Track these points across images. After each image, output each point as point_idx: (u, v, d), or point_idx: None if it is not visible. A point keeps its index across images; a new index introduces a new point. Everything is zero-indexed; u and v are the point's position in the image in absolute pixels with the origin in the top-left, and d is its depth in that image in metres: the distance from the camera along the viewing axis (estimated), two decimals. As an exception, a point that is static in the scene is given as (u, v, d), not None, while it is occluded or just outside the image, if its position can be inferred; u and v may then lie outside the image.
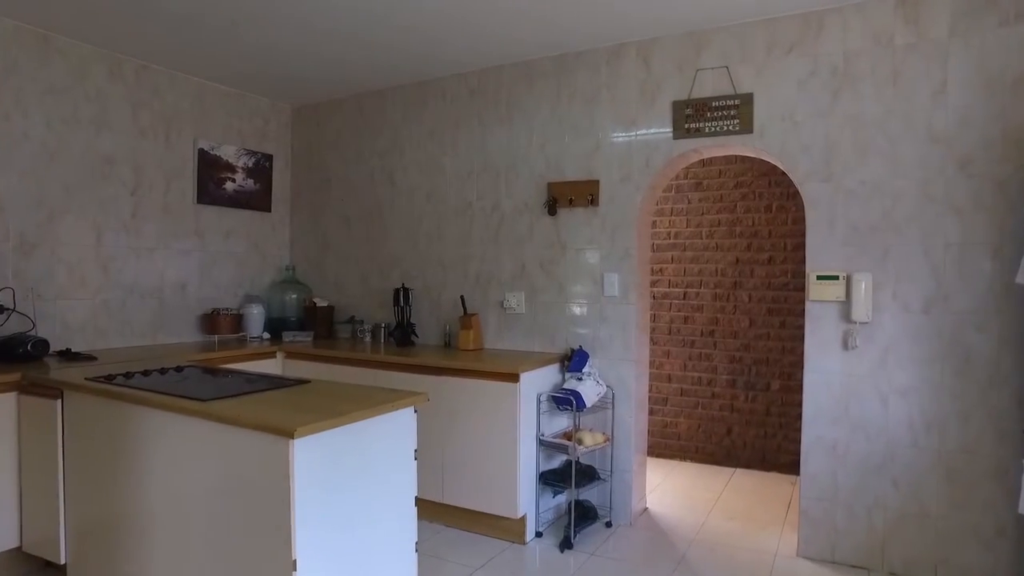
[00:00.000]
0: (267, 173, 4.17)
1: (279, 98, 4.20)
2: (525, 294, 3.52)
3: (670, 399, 4.42)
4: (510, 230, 3.57)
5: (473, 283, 3.69)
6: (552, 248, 3.44)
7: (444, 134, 3.78)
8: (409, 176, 3.91)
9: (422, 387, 3.21)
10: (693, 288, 4.34)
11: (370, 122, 4.05)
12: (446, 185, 3.78)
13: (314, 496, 1.86)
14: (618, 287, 3.26)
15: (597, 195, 3.30)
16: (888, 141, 2.72)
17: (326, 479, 1.91)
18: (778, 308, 4.10)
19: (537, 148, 3.48)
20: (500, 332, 3.60)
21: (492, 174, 3.63)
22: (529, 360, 3.17)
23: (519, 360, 3.17)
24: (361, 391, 2.35)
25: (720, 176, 4.27)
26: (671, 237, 4.41)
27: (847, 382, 2.80)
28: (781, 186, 4.09)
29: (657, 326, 4.44)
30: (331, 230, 4.23)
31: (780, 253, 4.10)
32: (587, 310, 3.34)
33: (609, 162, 3.29)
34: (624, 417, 3.27)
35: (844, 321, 2.80)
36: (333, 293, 4.21)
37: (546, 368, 3.22)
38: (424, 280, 3.86)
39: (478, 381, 3.07)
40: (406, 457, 2.27)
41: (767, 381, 4.14)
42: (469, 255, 3.70)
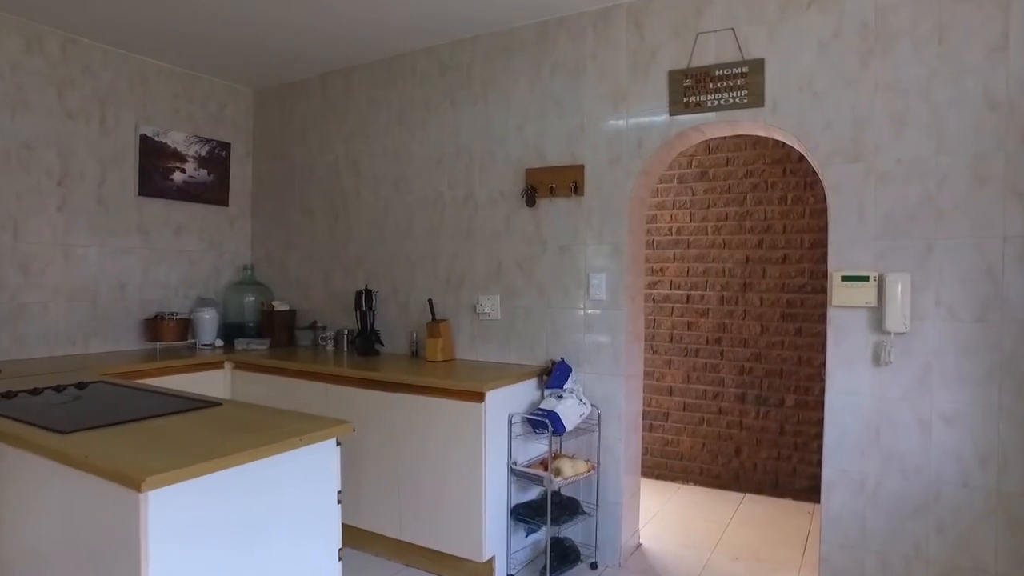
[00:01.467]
0: (224, 163, 3.72)
1: (239, 81, 3.75)
2: (501, 297, 3.03)
3: (671, 414, 3.89)
4: (484, 223, 3.08)
5: (444, 284, 3.21)
6: (531, 244, 2.95)
7: (413, 116, 3.30)
8: (376, 164, 3.44)
9: (377, 405, 2.74)
10: (697, 290, 3.82)
11: (335, 106, 3.59)
12: (415, 173, 3.30)
13: (182, 560, 1.39)
14: (605, 289, 2.75)
15: (582, 182, 2.80)
16: (931, 110, 2.19)
17: (200, 538, 1.43)
18: (794, 313, 3.56)
19: (514, 129, 2.99)
20: (473, 341, 3.11)
21: (465, 160, 3.14)
22: (501, 375, 2.67)
23: (488, 375, 2.68)
24: (278, 418, 1.87)
25: (728, 164, 3.74)
26: (673, 233, 3.89)
27: (878, 405, 2.27)
28: (797, 175, 3.56)
29: (657, 333, 3.92)
30: (294, 226, 3.77)
31: (796, 251, 3.56)
32: (570, 316, 2.83)
33: (595, 144, 2.78)
34: (612, 441, 2.75)
35: (875, 331, 2.27)
36: (296, 295, 3.75)
37: (521, 384, 2.72)
38: (391, 281, 3.38)
39: (439, 400, 2.58)
40: (325, 501, 1.79)
41: (781, 396, 3.60)
42: (439, 252, 3.22)
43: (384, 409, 2.72)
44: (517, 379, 2.70)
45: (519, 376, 2.72)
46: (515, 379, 2.68)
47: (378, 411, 2.73)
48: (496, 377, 2.61)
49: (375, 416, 2.74)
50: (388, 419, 2.71)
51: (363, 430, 2.77)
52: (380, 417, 2.73)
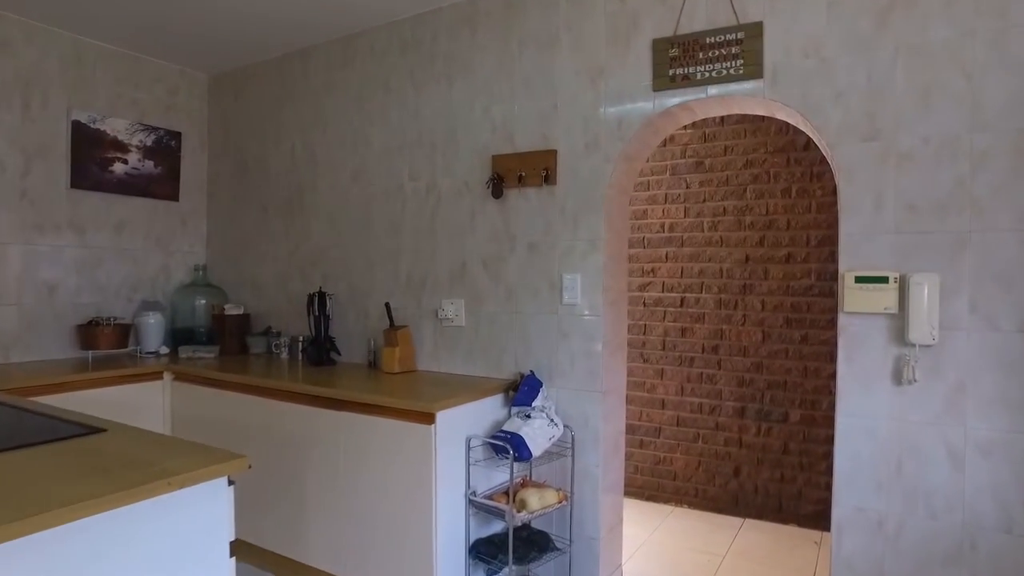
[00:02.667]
0: (173, 154, 3.37)
1: (191, 64, 3.39)
2: (466, 301, 2.65)
3: (663, 430, 3.49)
4: (448, 218, 2.70)
5: (404, 286, 2.83)
6: (498, 241, 2.56)
7: (372, 100, 2.93)
8: (333, 154, 3.07)
9: (321, 424, 2.36)
10: (692, 293, 3.41)
11: (291, 91, 3.22)
12: (374, 163, 2.93)
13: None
14: (580, 292, 2.37)
15: (554, 170, 2.41)
16: (965, 77, 1.78)
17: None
18: (799, 319, 3.16)
19: (480, 112, 2.61)
20: (436, 350, 2.73)
21: (427, 147, 2.76)
22: (460, 390, 2.29)
23: (445, 390, 2.29)
24: (160, 452, 1.50)
25: (726, 153, 3.34)
26: (665, 230, 3.49)
27: (900, 431, 1.86)
28: (803, 164, 3.15)
29: (648, 340, 3.52)
30: (250, 222, 3.40)
31: (801, 248, 3.15)
32: (541, 323, 2.45)
33: (570, 126, 2.40)
34: (589, 467, 2.36)
35: (896, 343, 1.86)
36: (251, 298, 3.38)
37: (484, 402, 2.34)
38: (349, 283, 3.01)
39: (386, 420, 2.20)
40: (211, 556, 1.41)
41: (784, 410, 3.19)
42: (400, 250, 2.84)
43: (329, 429, 2.34)
44: (479, 396, 2.31)
45: (482, 392, 2.33)
46: (476, 396, 2.30)
47: (322, 431, 2.36)
48: (453, 393, 2.23)
49: (319, 437, 2.37)
50: (333, 441, 2.33)
51: (307, 453, 2.40)
52: (324, 438, 2.35)
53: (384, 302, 2.77)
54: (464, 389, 2.32)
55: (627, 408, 3.55)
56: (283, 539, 2.50)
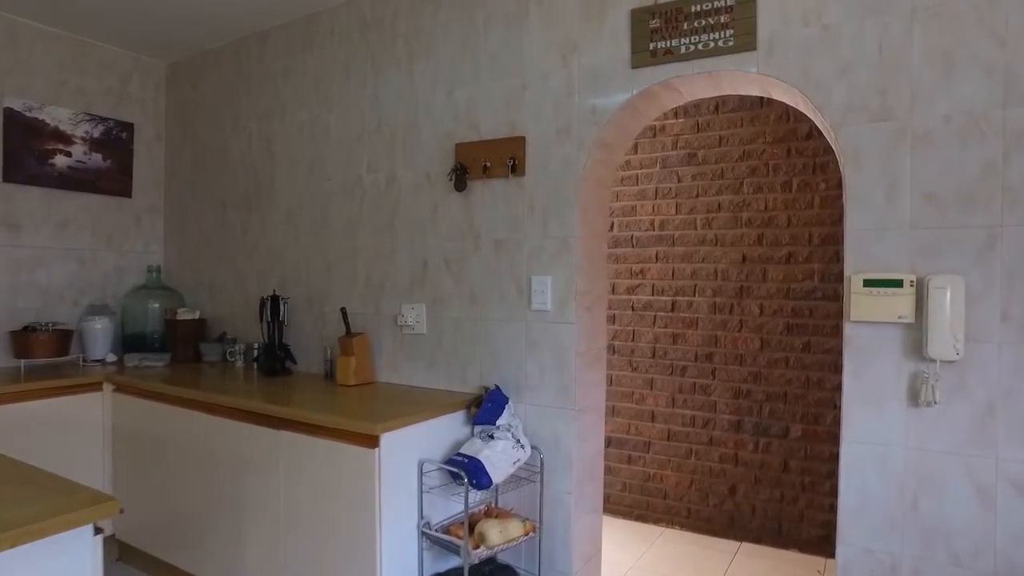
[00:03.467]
0: (124, 147, 3.10)
1: (147, 51, 3.13)
2: (427, 306, 2.36)
3: (653, 444, 3.20)
4: (408, 213, 2.42)
5: (363, 289, 2.55)
6: (461, 238, 2.28)
7: (331, 85, 2.65)
8: (291, 144, 2.80)
9: (263, 445, 2.09)
10: (685, 296, 3.12)
11: (248, 77, 2.95)
12: (332, 153, 2.65)
13: None
14: (551, 297, 2.08)
15: (522, 159, 2.13)
16: (997, 43, 1.49)
17: None
18: (800, 325, 2.86)
19: (443, 96, 2.33)
20: (396, 360, 2.45)
21: (387, 136, 2.48)
22: (416, 407, 2.00)
23: (399, 407, 2.01)
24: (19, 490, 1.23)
25: (720, 144, 3.04)
26: (655, 227, 3.20)
27: (917, 461, 1.57)
28: (805, 155, 2.85)
29: (637, 347, 3.23)
30: (207, 220, 3.14)
31: (803, 248, 2.85)
32: (508, 331, 2.16)
33: (539, 109, 2.11)
34: (560, 494, 2.08)
35: (912, 357, 1.57)
36: (208, 302, 3.12)
37: (441, 420, 2.05)
38: (307, 285, 2.74)
39: (326, 442, 1.92)
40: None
41: (785, 425, 2.89)
42: (358, 250, 2.56)
43: (268, 450, 2.07)
44: (436, 413, 2.03)
45: (440, 408, 2.05)
46: (433, 413, 2.01)
47: (261, 452, 2.09)
48: (405, 411, 1.95)
49: (258, 458, 2.09)
50: (272, 463, 2.06)
51: (245, 475, 2.12)
52: (263, 460, 2.08)
53: (340, 307, 2.49)
54: (421, 405, 2.04)
55: (614, 420, 3.27)
56: (219, 571, 2.22)
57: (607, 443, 3.29)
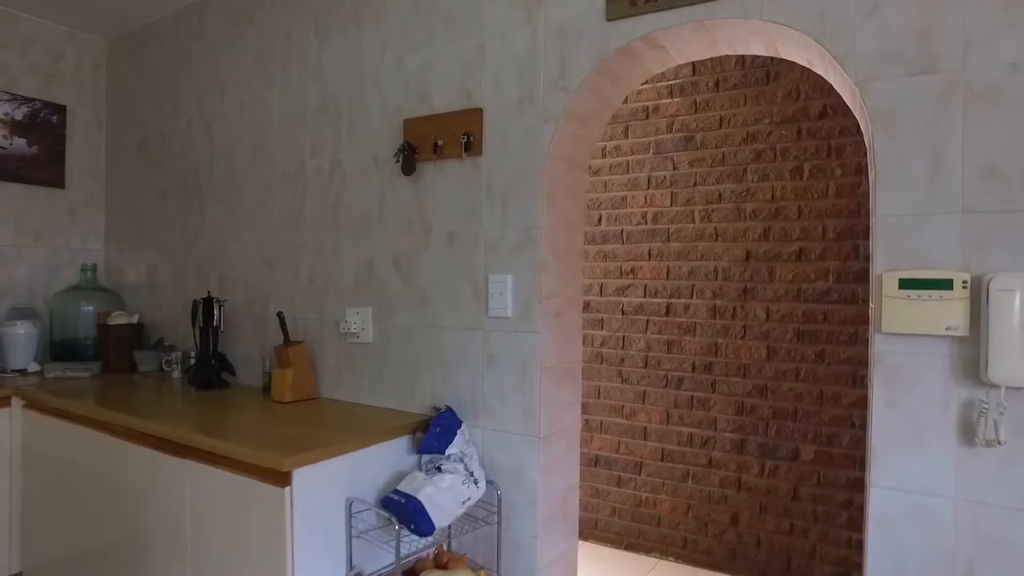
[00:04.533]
0: (55, 132, 2.77)
1: (83, 25, 2.79)
2: (373, 311, 2.00)
3: (646, 465, 2.82)
4: (353, 203, 2.06)
5: (305, 290, 2.20)
6: (411, 230, 1.92)
7: (272, 58, 2.30)
8: (231, 126, 2.45)
9: (162, 473, 1.74)
10: (681, 298, 2.74)
11: (188, 52, 2.60)
12: (273, 136, 2.30)
13: None
14: (511, 300, 1.71)
15: (479, 135, 1.76)
16: (1083, -41, 1.11)
17: None
18: (813, 331, 2.47)
19: (392, 64, 1.96)
20: (340, 373, 2.09)
21: (331, 113, 2.12)
22: (354, 432, 1.64)
23: (328, 432, 1.64)
24: None
25: (721, 126, 2.66)
26: (648, 220, 2.82)
27: (972, 517, 1.18)
28: (818, 136, 2.46)
29: (627, 355, 2.85)
30: (147, 213, 2.79)
31: (816, 243, 2.46)
32: (463, 341, 1.80)
33: (499, 75, 1.74)
34: (522, 539, 1.70)
35: (965, 381, 1.19)
36: (148, 304, 2.78)
37: (380, 448, 1.69)
38: (247, 286, 2.39)
39: (232, 475, 1.56)
40: None
41: (794, 446, 2.50)
42: (300, 246, 2.21)
43: (172, 481, 1.71)
44: (372, 440, 1.66)
45: (378, 435, 1.68)
46: (367, 441, 1.65)
47: (166, 483, 1.73)
48: (336, 438, 1.58)
49: (162, 490, 1.74)
50: (176, 497, 1.70)
51: (149, 510, 1.77)
52: (168, 493, 1.72)
53: (277, 311, 2.13)
54: (360, 429, 1.68)
55: (601, 437, 2.89)
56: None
57: (593, 462, 2.92)
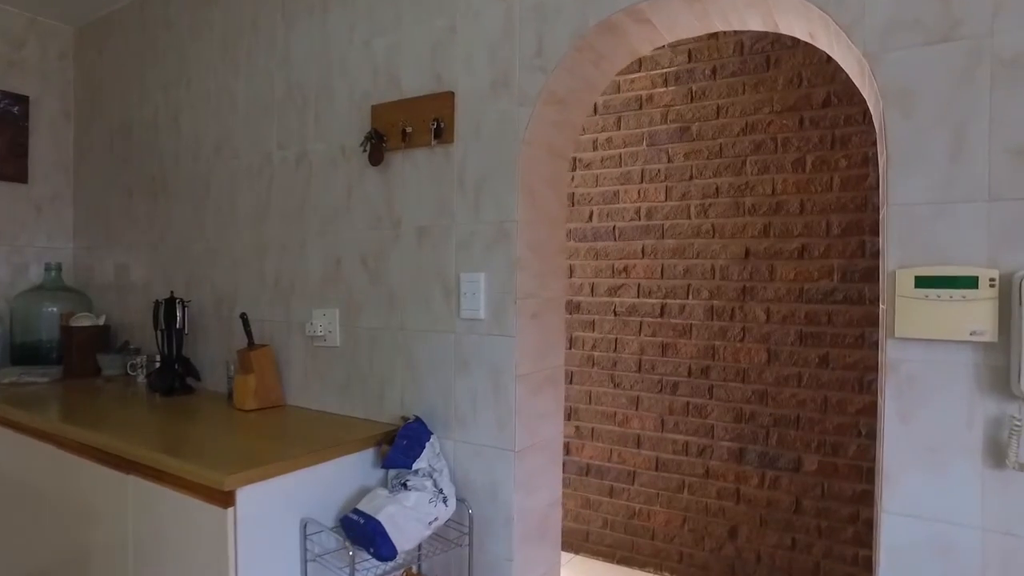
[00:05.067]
0: (17, 124, 2.62)
1: (47, 13, 2.65)
2: (340, 312, 1.85)
3: (639, 475, 2.66)
4: (320, 196, 1.91)
5: (272, 290, 2.05)
6: (379, 226, 1.76)
7: (238, 45, 2.15)
8: (196, 117, 2.30)
9: (107, 490, 1.59)
10: (676, 298, 2.58)
11: (154, 40, 2.46)
12: (239, 127, 2.15)
13: None
14: (484, 301, 1.55)
15: (449, 121, 1.61)
16: None
17: None
18: (816, 333, 2.31)
19: (360, 47, 1.81)
20: (307, 379, 1.94)
21: (298, 102, 1.97)
22: (316, 443, 1.49)
23: (289, 444, 1.49)
24: None
25: (719, 115, 2.50)
26: (641, 216, 2.66)
27: (1001, 550, 1.03)
28: (821, 126, 2.30)
29: (620, 359, 2.69)
30: (114, 209, 2.65)
31: (820, 239, 2.31)
32: (434, 345, 1.64)
33: (471, 55, 1.59)
34: (497, 561, 1.55)
35: (993, 393, 1.03)
36: (116, 305, 2.63)
37: (341, 463, 1.53)
38: (213, 286, 2.24)
39: (175, 494, 1.41)
40: None
41: (797, 455, 2.34)
42: (267, 243, 2.06)
43: (116, 499, 1.57)
44: (332, 454, 1.51)
45: (339, 448, 1.53)
46: (324, 455, 1.50)
47: (110, 500, 1.58)
48: (293, 452, 1.43)
49: (109, 511, 1.59)
50: (122, 518, 1.55)
51: (97, 532, 1.62)
52: (115, 513, 1.57)
53: (240, 313, 1.98)
54: (323, 440, 1.54)
55: (593, 445, 2.74)
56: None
57: (584, 471, 2.76)
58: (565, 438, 2.82)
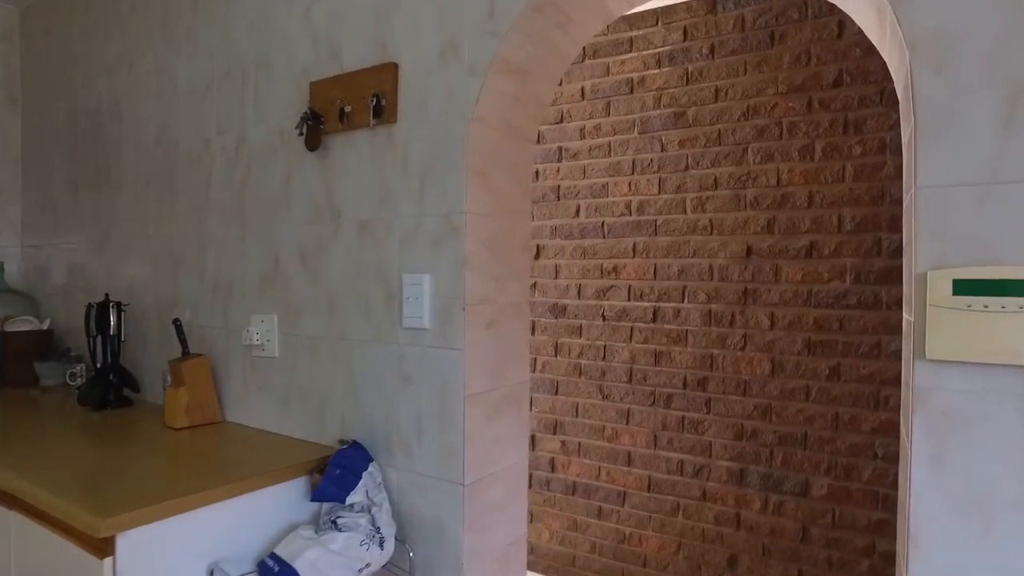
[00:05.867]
0: (-41, 113, 2.44)
1: (-6, -4, 2.46)
2: (279, 318, 1.63)
3: (630, 496, 2.41)
4: (259, 186, 1.68)
5: (211, 293, 1.83)
6: (318, 219, 1.53)
7: (178, 21, 1.93)
8: (139, 103, 2.08)
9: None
10: (670, 301, 2.33)
11: (98, 21, 2.25)
12: (180, 111, 1.93)
13: None
14: (428, 307, 1.32)
15: (392, 96, 1.37)
16: None
17: None
18: (826, 342, 2.05)
19: (300, 17, 1.58)
20: (247, 391, 1.72)
21: (237, 81, 1.75)
22: (242, 470, 1.26)
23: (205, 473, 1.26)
24: None
25: (717, 99, 2.25)
26: (632, 211, 2.41)
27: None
28: (832, 108, 2.04)
29: (609, 368, 2.45)
30: (61, 204, 2.45)
31: (830, 235, 2.05)
32: (376, 357, 1.41)
33: (417, 20, 1.35)
34: (445, 614, 1.32)
35: (1056, 435, 0.78)
36: (61, 309, 2.43)
37: (267, 493, 1.30)
38: (155, 287, 2.02)
39: (55, 536, 1.19)
40: None
41: (804, 477, 2.08)
42: (206, 239, 1.84)
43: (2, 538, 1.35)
44: (253, 485, 1.28)
45: (262, 477, 1.30)
46: (244, 486, 1.27)
47: None
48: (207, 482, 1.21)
49: None
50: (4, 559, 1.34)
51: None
52: None
53: (174, 318, 1.76)
54: (252, 465, 1.31)
55: (580, 462, 2.50)
56: None
57: (571, 490, 2.52)
58: (549, 453, 2.58)
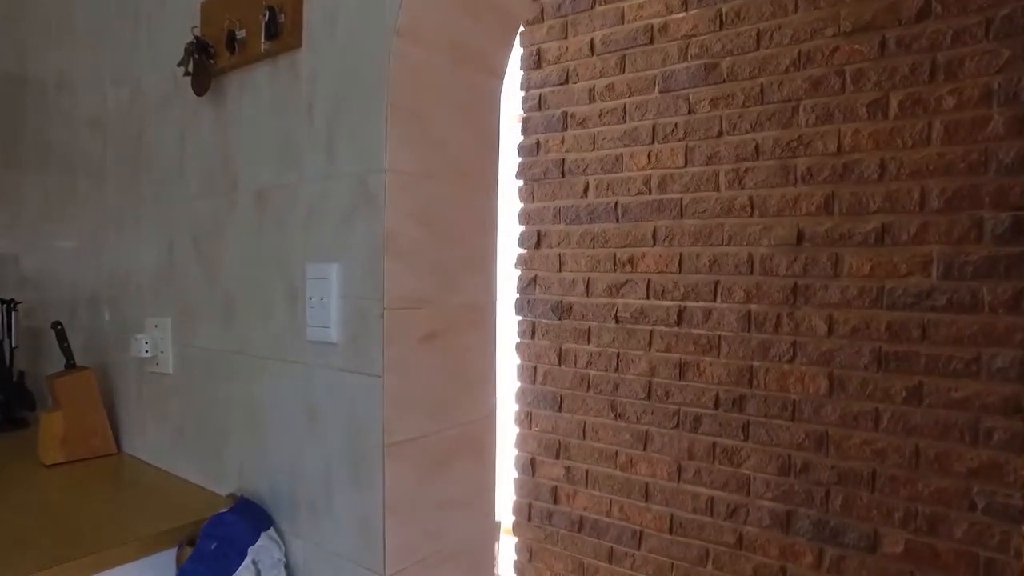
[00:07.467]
0: None
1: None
2: (173, 323, 1.25)
3: (648, 537, 1.99)
4: (153, 147, 1.30)
5: (107, 287, 1.47)
6: (214, 190, 1.15)
7: (79, -53, 1.58)
8: (42, 55, 1.73)
9: None
10: (699, 300, 1.89)
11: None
12: (79, 61, 1.57)
13: None
14: (336, 312, 0.92)
15: (294, 11, 0.98)
16: None
17: None
18: (905, 354, 1.59)
19: (197, -83, 1.20)
20: (144, 415, 1.35)
21: (130, 19, 1.37)
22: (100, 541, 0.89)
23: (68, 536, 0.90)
24: None
25: (759, 46, 1.79)
26: (652, 189, 1.98)
27: None
28: (914, 50, 1.57)
29: (623, 381, 2.02)
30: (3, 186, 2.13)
31: (910, 216, 1.58)
32: (277, 381, 1.02)
33: None
34: None
35: None
36: None
37: (124, 571, 0.94)
38: (58, 283, 1.67)
39: None
40: None
41: (871, 528, 1.63)
42: (102, 220, 1.48)
43: None
44: (106, 560, 0.91)
45: (123, 548, 0.93)
46: (95, 562, 0.90)
47: None
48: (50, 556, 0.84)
49: None
50: None
51: None
52: None
53: (53, 322, 1.41)
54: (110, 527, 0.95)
55: (588, 493, 2.09)
56: None
57: (577, 526, 2.11)
58: (552, 481, 2.17)
